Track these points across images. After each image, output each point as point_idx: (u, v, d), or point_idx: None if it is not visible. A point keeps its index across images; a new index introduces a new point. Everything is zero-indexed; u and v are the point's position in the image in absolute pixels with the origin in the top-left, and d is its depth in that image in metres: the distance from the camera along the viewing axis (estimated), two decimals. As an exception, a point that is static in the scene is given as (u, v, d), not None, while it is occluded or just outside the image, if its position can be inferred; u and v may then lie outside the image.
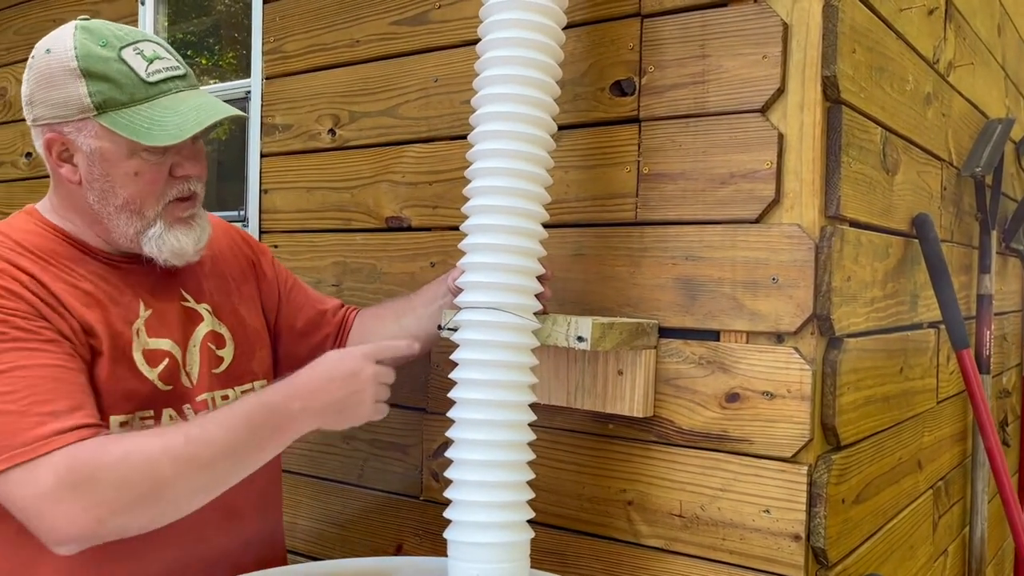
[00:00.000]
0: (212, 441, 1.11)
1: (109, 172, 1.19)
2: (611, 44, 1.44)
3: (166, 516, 1.11)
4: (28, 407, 1.05)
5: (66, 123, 1.17)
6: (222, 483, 1.14)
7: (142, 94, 1.17)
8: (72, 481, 1.03)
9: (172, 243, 1.24)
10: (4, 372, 1.06)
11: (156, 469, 1.07)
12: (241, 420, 1.13)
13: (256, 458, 1.16)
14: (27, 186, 2.56)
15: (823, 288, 1.27)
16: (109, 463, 1.05)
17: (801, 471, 1.26)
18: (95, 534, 1.06)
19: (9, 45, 2.67)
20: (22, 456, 1.03)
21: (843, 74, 1.29)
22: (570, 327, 1.26)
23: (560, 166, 1.44)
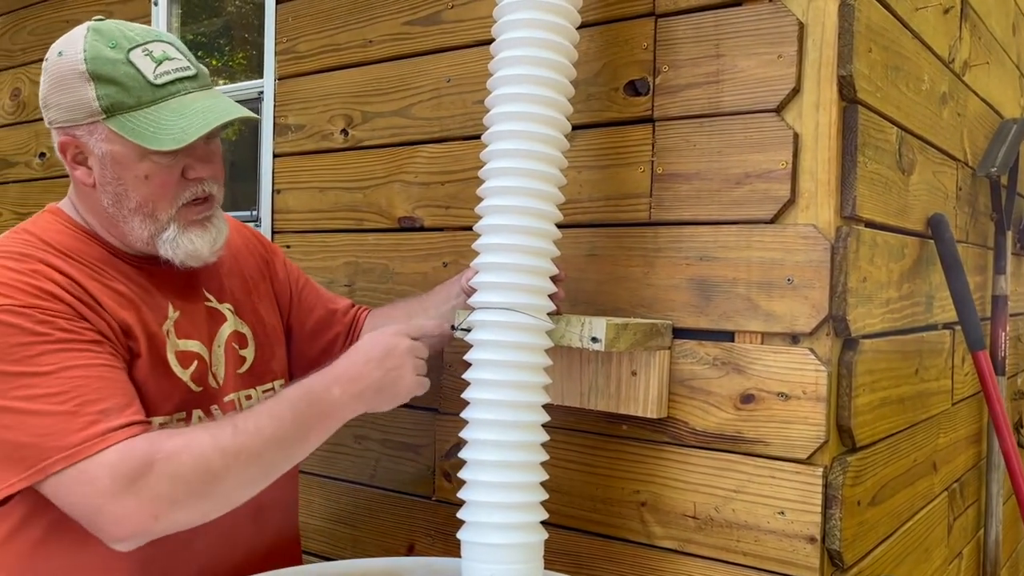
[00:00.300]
0: (260, 432, 1.12)
1: (121, 175, 1.19)
2: (625, 44, 1.44)
3: (218, 509, 1.12)
4: (78, 407, 1.06)
5: (78, 126, 1.17)
6: (271, 474, 1.15)
7: (149, 97, 1.16)
8: (127, 478, 1.04)
9: (187, 245, 1.23)
10: (52, 374, 1.07)
11: (208, 463, 1.08)
12: (286, 411, 1.14)
13: (303, 447, 1.17)
14: (42, 186, 2.58)
15: (839, 289, 1.26)
16: (162, 459, 1.06)
17: (816, 473, 1.25)
18: (151, 530, 1.07)
19: (24, 46, 2.68)
20: (76, 456, 1.04)
21: (859, 74, 1.28)
22: (584, 328, 1.26)
23: (573, 166, 1.44)
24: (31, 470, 1.05)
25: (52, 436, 1.05)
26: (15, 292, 1.09)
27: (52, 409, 1.05)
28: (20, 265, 1.13)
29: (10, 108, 2.72)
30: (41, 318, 1.09)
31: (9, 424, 1.06)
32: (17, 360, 1.06)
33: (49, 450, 1.04)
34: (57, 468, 1.04)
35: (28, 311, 1.08)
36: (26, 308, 1.08)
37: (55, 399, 1.06)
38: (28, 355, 1.07)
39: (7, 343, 1.07)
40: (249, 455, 1.10)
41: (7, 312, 1.08)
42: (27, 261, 1.14)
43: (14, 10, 2.71)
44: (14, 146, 2.70)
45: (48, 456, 1.04)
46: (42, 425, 1.05)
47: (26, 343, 1.07)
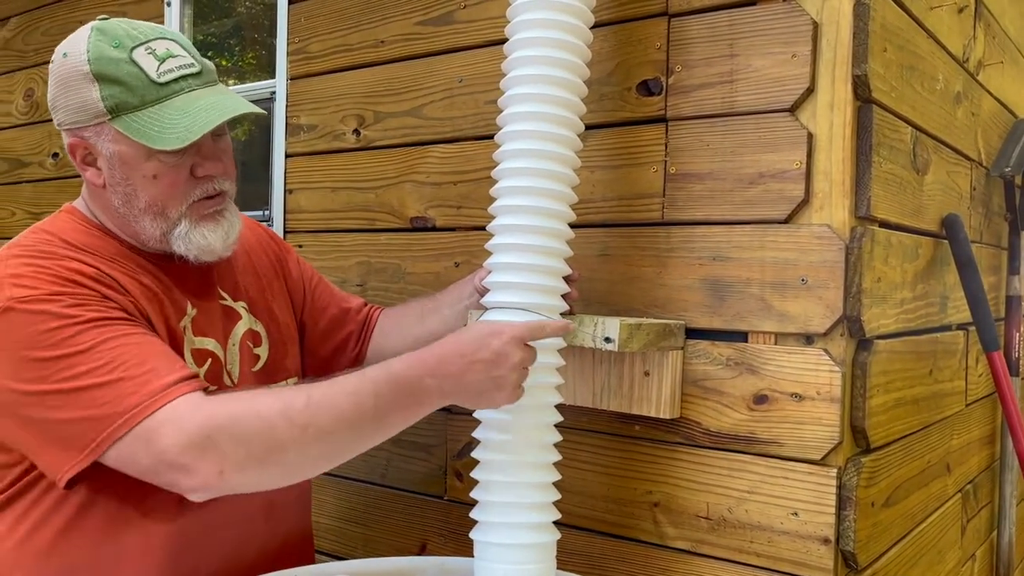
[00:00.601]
0: (334, 409, 1.07)
1: (129, 176, 1.18)
2: (638, 44, 1.44)
3: (285, 478, 1.10)
4: (126, 372, 1.05)
5: (85, 128, 1.17)
6: (340, 454, 1.11)
7: (152, 96, 1.15)
8: (190, 436, 1.02)
9: (199, 240, 1.22)
10: (91, 349, 1.06)
11: (272, 431, 1.04)
12: (368, 391, 1.08)
13: (378, 433, 1.11)
14: (55, 186, 2.59)
15: (853, 289, 1.25)
16: (226, 420, 1.04)
17: (830, 474, 1.25)
18: (218, 486, 1.04)
19: (37, 46, 2.69)
20: (137, 417, 1.03)
21: (874, 73, 1.27)
22: (597, 328, 1.26)
23: (586, 166, 1.44)
24: (93, 443, 1.04)
25: (109, 404, 1.04)
26: (41, 283, 1.09)
27: (100, 381, 1.04)
28: (46, 260, 1.13)
29: (24, 108, 2.74)
30: (71, 302, 1.09)
31: (59, 404, 1.05)
32: (53, 344, 1.06)
33: (108, 418, 1.03)
34: (120, 433, 1.03)
35: (58, 298, 1.08)
36: (55, 295, 1.09)
37: (100, 371, 1.05)
38: (63, 337, 1.06)
39: (40, 330, 1.06)
40: (318, 430, 1.06)
41: (35, 301, 1.08)
42: (52, 257, 1.14)
43: (28, 11, 2.73)
44: (28, 146, 2.71)
45: (109, 424, 1.03)
46: (94, 397, 1.04)
47: (59, 327, 1.06)
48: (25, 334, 1.07)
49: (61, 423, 1.06)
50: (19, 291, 1.08)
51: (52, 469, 1.09)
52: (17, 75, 2.77)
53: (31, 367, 1.06)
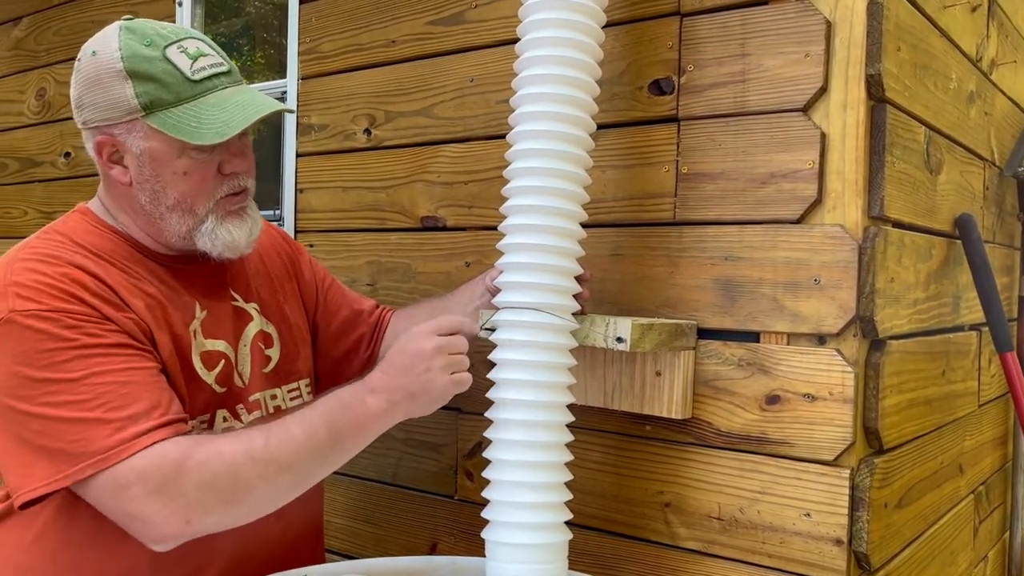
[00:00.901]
0: (292, 442, 1.11)
1: (159, 172, 1.19)
2: (650, 43, 1.43)
3: (252, 515, 1.13)
4: (106, 414, 1.06)
5: (115, 125, 1.18)
6: (304, 483, 1.15)
7: (188, 93, 1.17)
8: (157, 484, 1.05)
9: (225, 236, 1.23)
10: (79, 380, 1.07)
11: (238, 472, 1.08)
12: (320, 420, 1.14)
13: (336, 458, 1.16)
14: (67, 185, 2.60)
15: (866, 289, 1.25)
16: (192, 467, 1.06)
17: (843, 474, 1.24)
18: (184, 533, 1.08)
19: (48, 46, 2.71)
20: (104, 462, 1.05)
21: (888, 72, 1.27)
22: (608, 328, 1.26)
23: (597, 166, 1.44)
24: (59, 475, 1.06)
25: (80, 443, 1.05)
26: (43, 296, 1.10)
27: (80, 416, 1.06)
28: (48, 268, 1.13)
29: (35, 108, 2.75)
30: (68, 323, 1.09)
31: (39, 430, 1.07)
32: (45, 366, 1.07)
33: (78, 456, 1.05)
34: (87, 474, 1.05)
35: (55, 315, 1.09)
36: (53, 312, 1.09)
37: (83, 406, 1.06)
38: (55, 361, 1.07)
39: (34, 348, 1.07)
40: (280, 465, 1.10)
41: (34, 317, 1.08)
42: (55, 263, 1.14)
43: (39, 11, 2.74)
44: (39, 146, 2.72)
45: (77, 462, 1.05)
46: (70, 431, 1.06)
47: (53, 349, 1.07)
48: (21, 349, 1.08)
49: (36, 447, 1.07)
50: (21, 303, 1.09)
51: (13, 485, 1.09)
52: (29, 75, 2.79)
53: (21, 384, 1.08)
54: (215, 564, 1.26)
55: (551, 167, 1.23)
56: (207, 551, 1.24)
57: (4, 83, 2.89)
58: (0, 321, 1.09)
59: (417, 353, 1.17)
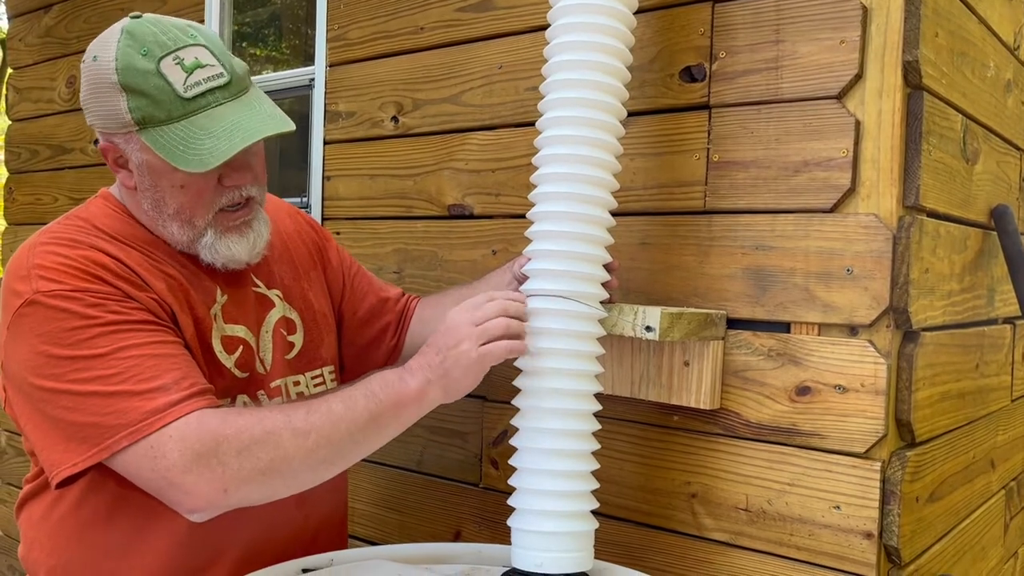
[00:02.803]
0: (332, 415, 1.12)
1: (157, 184, 1.18)
2: (681, 29, 1.42)
3: (289, 488, 1.12)
4: (135, 386, 1.07)
5: (115, 134, 1.17)
6: (340, 459, 1.15)
7: (179, 111, 1.13)
8: (196, 452, 1.05)
9: (224, 251, 1.22)
10: (106, 355, 1.07)
11: (277, 442, 1.08)
12: (361, 398, 1.14)
13: (376, 435, 1.16)
14: (97, 172, 2.62)
15: (900, 280, 1.23)
16: (231, 434, 1.06)
17: (874, 467, 1.23)
18: (222, 503, 1.08)
19: (79, 34, 2.73)
20: (141, 432, 1.05)
21: (925, 59, 1.24)
22: (637, 316, 1.25)
23: (626, 153, 1.42)
24: (95, 448, 1.06)
25: (114, 415, 1.06)
26: (66, 277, 1.11)
27: (110, 390, 1.06)
28: (71, 251, 1.14)
29: (66, 95, 2.77)
30: (92, 301, 1.10)
31: (70, 406, 1.07)
32: (71, 344, 1.08)
33: (112, 428, 1.06)
34: (122, 445, 1.05)
35: (79, 295, 1.09)
36: (77, 292, 1.10)
37: (112, 380, 1.07)
38: (82, 339, 1.08)
39: (60, 327, 1.08)
40: (319, 437, 1.10)
41: (58, 297, 1.09)
42: (78, 247, 1.15)
43: (71, -1, 2.77)
44: (70, 133, 2.75)
45: (113, 434, 1.05)
46: (102, 405, 1.06)
47: (79, 327, 1.08)
48: (47, 329, 1.08)
49: (68, 424, 1.08)
50: (45, 284, 1.10)
51: (49, 464, 1.10)
52: (59, 62, 2.81)
53: (48, 363, 1.08)
54: (237, 548, 1.26)
55: (581, 154, 1.22)
56: (229, 535, 1.24)
57: (35, 71, 2.92)
58: (25, 303, 1.10)
59: (447, 330, 1.18)
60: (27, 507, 1.28)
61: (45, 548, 1.24)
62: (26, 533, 1.28)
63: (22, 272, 1.13)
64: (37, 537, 1.26)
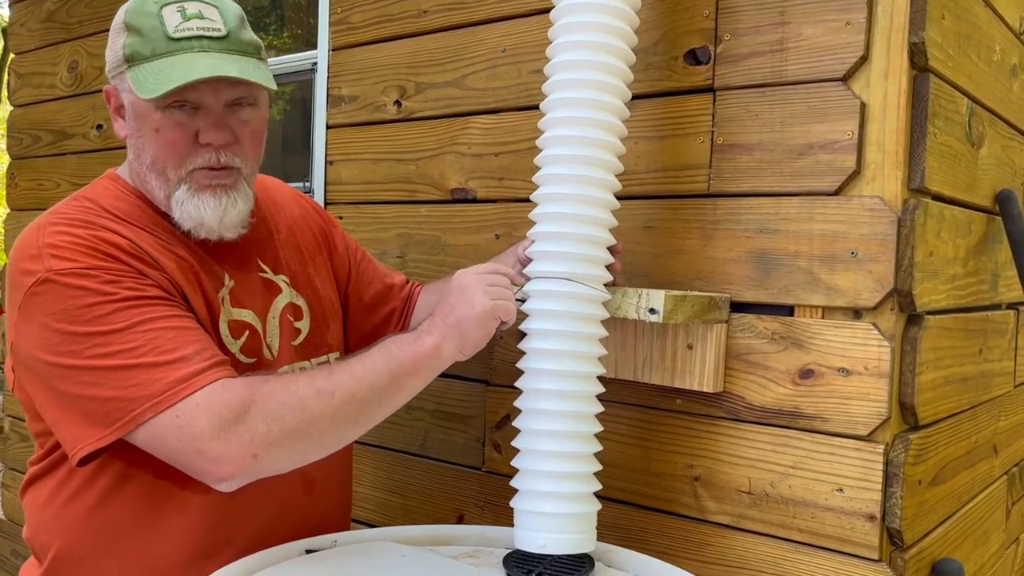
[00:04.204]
0: (353, 374, 1.13)
1: (140, 127, 1.19)
2: (685, 12, 1.41)
3: (316, 450, 1.13)
4: (156, 357, 1.06)
5: (114, 76, 1.20)
6: (367, 418, 1.16)
7: (162, 49, 1.14)
8: (224, 419, 1.05)
9: (192, 211, 1.19)
10: (125, 330, 1.07)
11: (303, 403, 1.09)
12: (380, 357, 1.16)
13: (396, 392, 1.17)
14: (99, 157, 2.62)
15: (904, 263, 1.23)
16: (260, 399, 1.07)
17: (877, 450, 1.23)
18: (251, 470, 1.07)
19: (81, 18, 2.72)
20: (166, 401, 1.05)
21: (931, 41, 1.24)
22: (641, 299, 1.24)
23: (630, 136, 1.41)
24: (120, 421, 1.05)
25: (137, 387, 1.05)
26: (79, 255, 1.10)
27: (131, 363, 1.06)
28: (82, 231, 1.13)
29: (68, 80, 2.77)
30: (107, 278, 1.09)
31: (91, 381, 1.06)
32: (88, 320, 1.07)
33: (137, 400, 1.05)
34: (148, 416, 1.05)
35: (94, 272, 1.09)
36: (91, 270, 1.09)
37: (132, 353, 1.06)
38: (99, 315, 1.07)
39: (76, 304, 1.08)
40: (343, 396, 1.11)
41: (72, 275, 1.09)
42: (89, 227, 1.14)
43: (72, -16, 2.76)
44: (72, 118, 2.75)
45: (138, 406, 1.05)
46: (125, 378, 1.06)
47: (95, 303, 1.08)
48: (61, 307, 1.08)
49: (89, 399, 1.07)
50: (58, 263, 1.09)
51: (71, 442, 1.09)
52: (61, 47, 2.81)
53: (64, 340, 1.07)
54: (245, 531, 1.27)
55: (585, 136, 1.22)
56: (239, 520, 1.25)
57: (37, 56, 2.92)
58: (38, 281, 1.09)
59: (456, 287, 1.21)
60: (32, 489, 1.28)
61: (52, 530, 1.24)
62: (31, 515, 1.28)
63: (32, 251, 1.12)
64: (43, 518, 1.25)
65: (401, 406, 1.18)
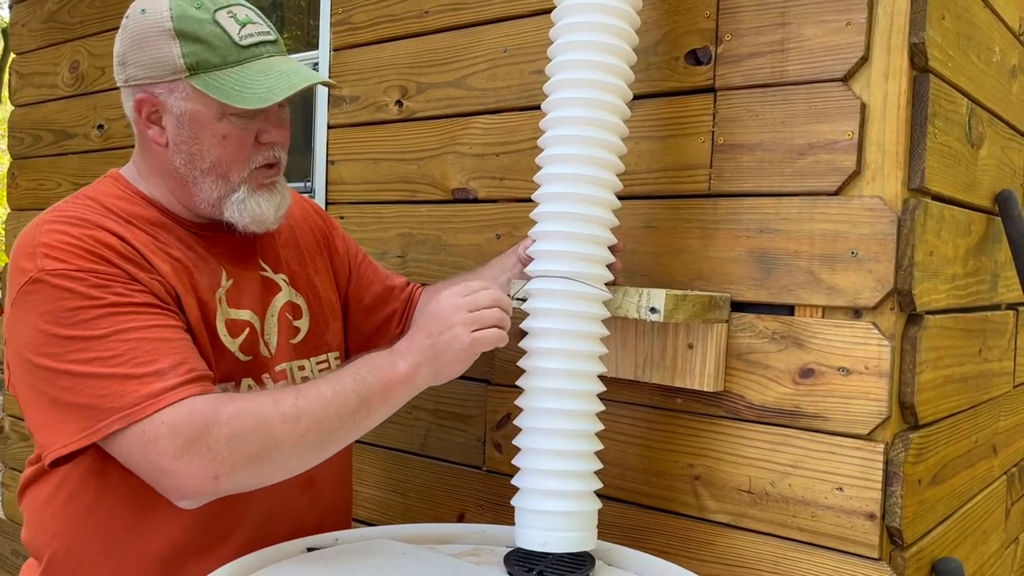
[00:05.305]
0: (321, 399, 1.12)
1: (198, 134, 1.19)
2: (687, 12, 1.41)
3: (279, 473, 1.13)
4: (132, 369, 1.07)
5: (158, 84, 1.18)
6: (331, 442, 1.15)
7: (234, 57, 1.17)
8: (186, 439, 1.05)
9: (254, 208, 1.24)
10: (106, 337, 1.08)
11: (268, 427, 1.08)
12: (350, 380, 1.14)
13: (365, 418, 1.16)
14: (100, 157, 2.62)
15: (904, 262, 1.23)
16: (222, 421, 1.06)
17: (877, 449, 1.23)
18: (212, 490, 1.08)
19: (82, 18, 2.72)
20: (133, 416, 1.05)
21: (932, 42, 1.24)
22: (642, 298, 1.25)
23: (631, 136, 1.42)
24: (88, 430, 1.07)
25: (108, 398, 1.06)
26: (71, 256, 1.11)
27: (107, 372, 1.07)
28: (78, 230, 1.14)
29: (69, 80, 2.77)
30: (96, 282, 1.10)
31: (67, 386, 1.08)
32: (72, 324, 1.08)
33: (106, 411, 1.06)
34: (114, 428, 1.06)
35: (83, 275, 1.10)
36: (80, 272, 1.10)
37: (110, 362, 1.07)
38: (83, 319, 1.08)
39: (62, 307, 1.08)
40: (309, 421, 1.10)
41: (62, 276, 1.09)
42: (85, 226, 1.15)
43: (73, -16, 2.76)
44: (73, 118, 2.75)
45: (105, 417, 1.06)
46: (98, 387, 1.07)
47: (81, 307, 1.08)
48: (49, 308, 1.09)
49: (64, 404, 1.08)
50: (50, 263, 1.10)
51: (44, 443, 1.10)
52: (63, 47, 2.81)
53: (48, 342, 1.08)
54: (243, 530, 1.27)
55: (586, 135, 1.22)
56: (235, 518, 1.25)
57: (38, 56, 2.92)
58: (29, 280, 1.10)
59: (437, 313, 1.18)
60: (30, 490, 1.28)
61: (49, 531, 1.24)
62: (30, 516, 1.28)
63: (28, 250, 1.13)
64: (41, 520, 1.26)
65: (372, 428, 1.18)
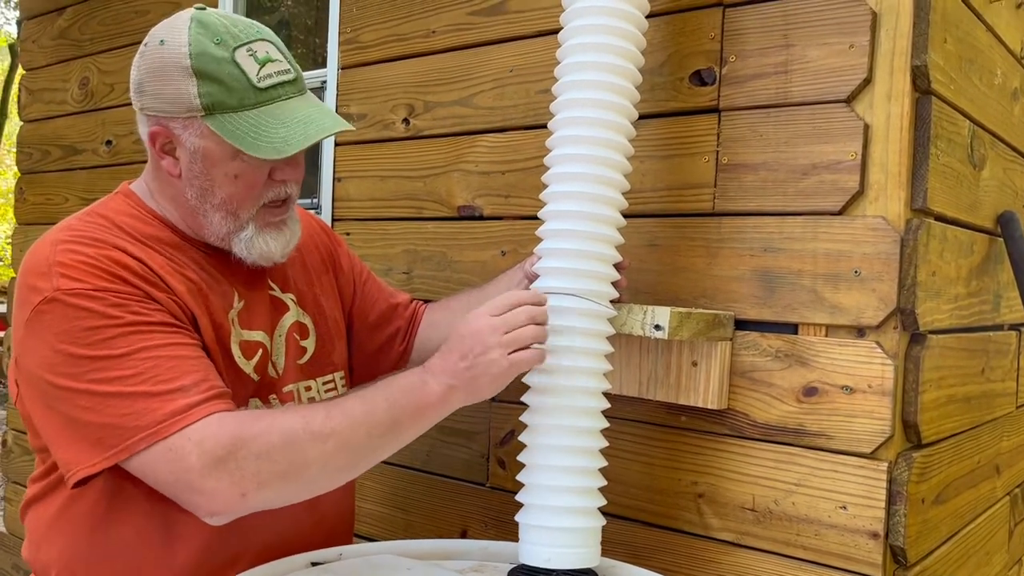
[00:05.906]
0: (351, 419, 1.11)
1: (210, 171, 1.18)
2: (692, 34, 1.43)
3: (306, 492, 1.12)
4: (153, 387, 1.06)
5: (173, 119, 1.16)
6: (360, 462, 1.14)
7: (251, 100, 1.15)
8: (215, 456, 1.04)
9: (261, 247, 1.23)
10: (126, 356, 1.07)
11: (296, 445, 1.07)
12: (381, 401, 1.13)
13: (395, 439, 1.15)
14: (108, 173, 2.64)
15: (908, 282, 1.24)
16: (250, 437, 1.06)
17: (881, 468, 1.24)
18: (240, 507, 1.07)
19: (93, 36, 2.75)
20: (160, 433, 1.04)
21: (934, 64, 1.26)
22: (647, 315, 1.26)
23: (636, 156, 1.43)
24: (114, 449, 1.06)
25: (132, 416, 1.05)
26: (87, 276, 1.10)
27: (129, 391, 1.06)
28: (93, 250, 1.13)
29: (78, 97, 2.80)
30: (114, 301, 1.09)
31: (88, 406, 1.07)
32: (91, 344, 1.07)
33: (132, 429, 1.05)
34: (141, 447, 1.05)
35: (101, 294, 1.09)
36: (99, 291, 1.09)
37: (131, 381, 1.06)
38: (102, 338, 1.07)
39: (81, 327, 1.08)
40: (339, 441, 1.09)
41: (80, 296, 1.09)
42: (100, 246, 1.14)
43: (83, 0, 2.79)
44: (82, 134, 2.77)
45: (131, 435, 1.05)
46: (121, 406, 1.06)
47: (99, 326, 1.08)
48: (66, 328, 1.08)
49: (85, 424, 1.07)
50: (66, 282, 1.09)
51: (66, 464, 1.09)
52: (72, 64, 2.84)
53: (66, 362, 1.08)
54: (250, 552, 1.26)
55: (592, 154, 1.24)
56: (243, 540, 1.24)
57: (48, 72, 2.95)
58: (45, 300, 1.09)
59: (473, 334, 1.16)
60: (35, 508, 1.27)
61: (56, 546, 1.23)
62: (33, 533, 1.27)
63: (42, 269, 1.12)
64: (47, 536, 1.25)
65: (401, 448, 1.17)
